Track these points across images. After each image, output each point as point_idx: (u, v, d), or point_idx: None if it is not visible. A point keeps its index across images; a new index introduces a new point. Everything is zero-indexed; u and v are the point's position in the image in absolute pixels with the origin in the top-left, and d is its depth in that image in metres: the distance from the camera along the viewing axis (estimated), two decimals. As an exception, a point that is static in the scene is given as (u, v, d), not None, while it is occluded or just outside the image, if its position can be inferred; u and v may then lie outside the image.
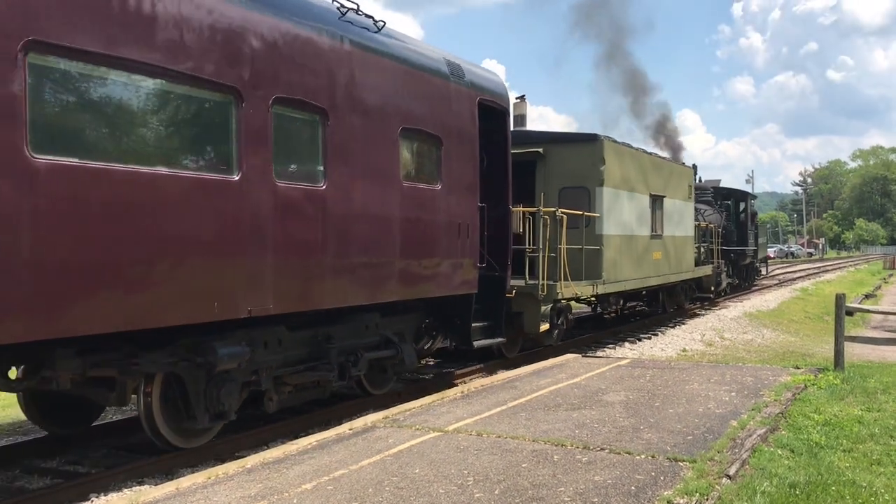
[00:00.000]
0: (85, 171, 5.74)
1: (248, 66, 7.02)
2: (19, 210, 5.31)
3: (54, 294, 5.57)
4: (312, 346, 8.54)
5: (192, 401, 7.27)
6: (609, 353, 14.81)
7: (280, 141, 7.43)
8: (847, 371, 10.99)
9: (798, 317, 24.97)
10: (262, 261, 7.20)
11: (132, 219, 6.07)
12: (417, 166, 9.73)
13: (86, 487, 6.61)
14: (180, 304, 6.50)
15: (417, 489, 5.67)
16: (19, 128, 5.29)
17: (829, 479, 5.93)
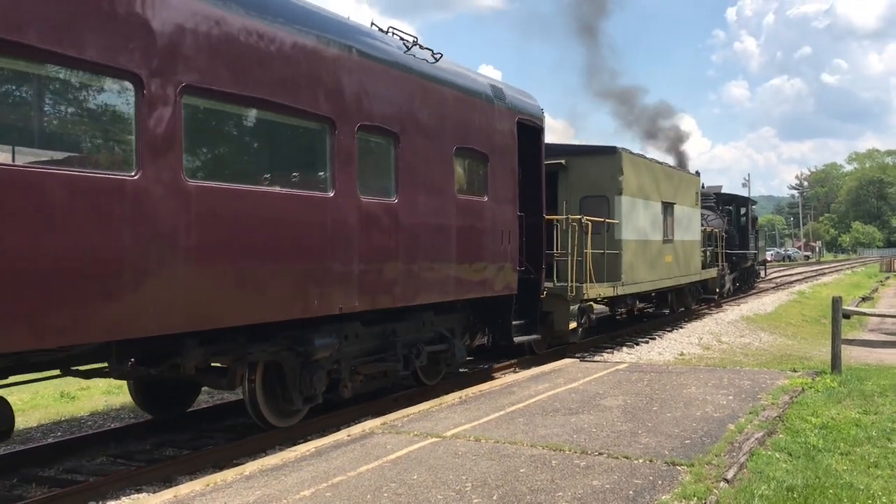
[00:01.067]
0: (224, 192, 6.89)
1: (341, 98, 8.17)
2: (178, 223, 6.42)
3: (204, 291, 6.70)
4: (381, 340, 9.67)
5: (290, 385, 8.34)
6: (607, 357, 14.81)
7: (363, 162, 8.57)
8: (844, 374, 11.02)
9: (795, 320, 24.99)
10: (350, 265, 8.33)
11: (259, 230, 7.20)
12: (469, 180, 10.83)
13: (84, 495, 6.61)
14: (293, 301, 7.66)
15: (416, 495, 5.67)
16: (178, 158, 6.38)
17: (826, 483, 5.95)
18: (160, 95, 6.23)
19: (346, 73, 8.27)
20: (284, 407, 8.47)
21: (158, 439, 8.75)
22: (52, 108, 6.14)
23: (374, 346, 9.54)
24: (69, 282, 5.65)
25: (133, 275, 6.10)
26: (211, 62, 6.69)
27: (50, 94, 6.04)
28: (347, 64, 8.31)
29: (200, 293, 6.65)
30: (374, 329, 9.49)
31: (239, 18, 6.99)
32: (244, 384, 8.12)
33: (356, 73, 8.43)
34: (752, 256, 32.28)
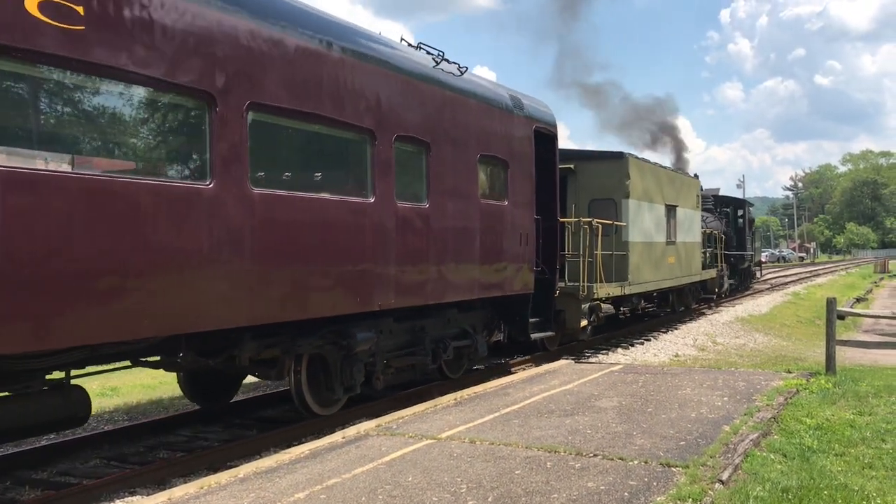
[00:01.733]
0: (281, 199, 7.54)
1: (380, 111, 8.82)
2: (244, 227, 7.06)
3: (265, 289, 7.34)
4: (411, 335, 10.34)
5: (333, 376, 9.03)
6: (602, 358, 14.82)
7: (399, 169, 9.21)
8: (839, 375, 11.03)
9: (790, 321, 25.06)
10: (388, 265, 9.00)
11: (311, 233, 7.89)
12: (491, 186, 11.45)
13: (77, 498, 6.58)
14: (340, 298, 8.36)
15: (410, 497, 5.66)
16: (244, 168, 7.02)
17: (821, 483, 5.95)
18: (230, 112, 6.88)
19: (384, 87, 8.94)
20: (326, 396, 9.14)
21: (152, 441, 8.73)
22: (145, 125, 6.73)
23: (404, 341, 10.25)
24: (160, 278, 6.30)
25: (209, 273, 6.75)
26: (271, 80, 7.35)
27: (143, 114, 6.66)
28: (385, 79, 9.00)
29: (262, 291, 7.31)
30: (404, 325, 10.15)
31: (294, 39, 7.66)
32: (291, 375, 8.71)
33: (393, 88, 9.12)
34: (748, 258, 33.06)
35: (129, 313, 6.08)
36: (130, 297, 6.08)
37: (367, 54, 8.77)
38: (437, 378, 11.47)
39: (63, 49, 5.57)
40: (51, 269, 5.54)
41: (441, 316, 10.81)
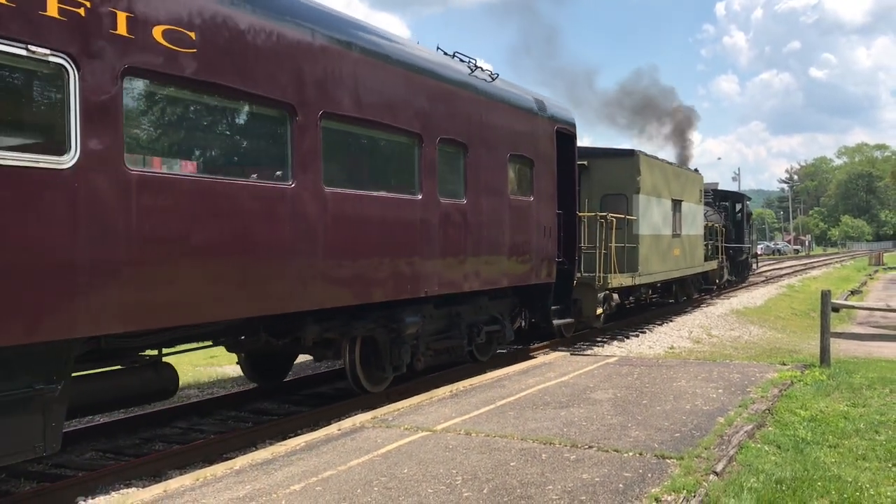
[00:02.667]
0: (348, 196, 8.44)
1: (426, 116, 9.74)
2: (318, 221, 7.93)
3: (334, 275, 8.22)
4: (448, 320, 11.22)
5: (383, 357, 9.94)
6: (597, 351, 14.84)
7: (442, 169, 10.10)
8: (833, 367, 11.07)
9: (785, 313, 25.11)
10: (433, 255, 9.90)
11: (372, 226, 8.79)
12: (519, 183, 12.27)
13: (72, 490, 6.58)
14: (395, 285, 9.22)
15: (406, 489, 5.67)
16: (318, 170, 7.91)
17: (814, 475, 5.97)
18: (307, 121, 7.77)
19: (430, 95, 9.85)
20: (377, 375, 10.05)
21: (148, 433, 8.72)
22: (241, 134, 7.78)
23: (443, 326, 11.12)
24: (256, 265, 7.21)
25: (292, 262, 7.61)
26: (340, 93, 8.25)
27: (239, 124, 7.70)
28: (431, 88, 9.91)
29: (332, 278, 8.19)
30: (442, 311, 11.03)
31: (358, 56, 8.59)
32: (346, 355, 9.64)
33: (437, 95, 10.01)
34: (746, 250, 34.15)
35: (234, 296, 7.03)
36: (237, 280, 7.03)
37: (417, 66, 9.72)
38: (468, 361, 12.30)
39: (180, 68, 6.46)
40: (176, 254, 6.46)
41: (474, 303, 11.70)
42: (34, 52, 5.39)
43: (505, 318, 12.61)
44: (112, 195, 5.91)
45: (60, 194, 5.58)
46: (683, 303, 23.69)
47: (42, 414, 5.77)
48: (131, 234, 6.05)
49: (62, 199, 5.59)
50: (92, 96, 5.77)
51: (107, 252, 5.88)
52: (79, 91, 5.68)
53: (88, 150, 5.72)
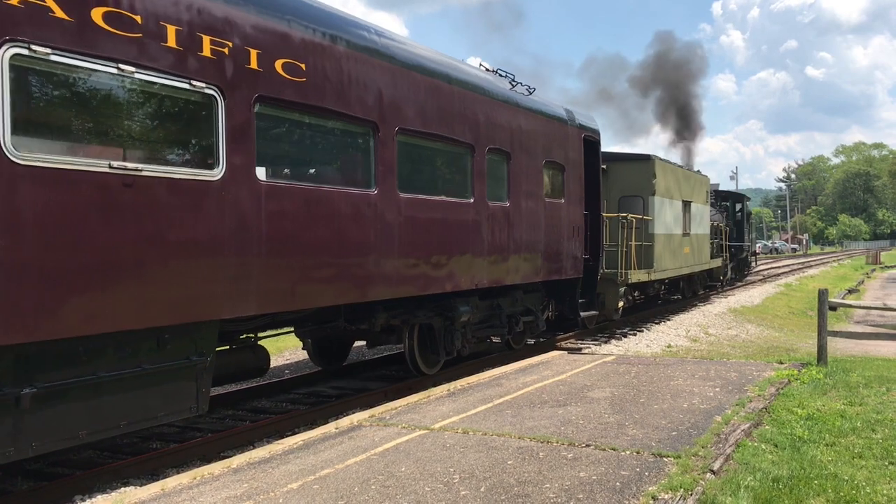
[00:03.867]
0: (417, 200, 9.60)
1: (477, 128, 10.87)
2: (395, 223, 9.10)
3: (406, 270, 9.37)
4: (490, 311, 12.32)
5: (438, 342, 11.13)
6: (594, 349, 14.85)
7: (490, 175, 11.22)
8: (830, 366, 11.09)
9: (782, 312, 25.14)
10: (482, 253, 11.03)
11: (436, 227, 9.97)
12: (552, 187, 13.39)
13: (70, 489, 6.58)
14: (453, 278, 10.38)
15: (403, 487, 5.67)
16: (394, 178, 9.04)
17: (811, 473, 5.99)
18: (387, 136, 8.90)
19: (480, 109, 10.99)
20: (431, 358, 11.18)
21: (145, 432, 8.71)
22: (337, 148, 8.99)
23: (485, 316, 12.20)
24: (348, 261, 8.36)
25: (375, 259, 8.76)
26: (410, 111, 9.39)
27: (336, 140, 8.85)
28: (481, 103, 11.02)
29: (403, 271, 9.29)
30: (486, 302, 12.13)
31: (425, 78, 9.72)
32: (406, 340, 10.76)
33: (485, 109, 11.14)
34: (746, 248, 35.57)
35: (332, 285, 8.20)
36: (335, 272, 8.23)
37: (469, 84, 10.86)
38: (504, 349, 13.61)
39: (291, 94, 7.56)
40: (293, 250, 7.59)
41: (512, 296, 12.77)
42: (195, 85, 6.53)
43: (537, 309, 13.66)
44: (248, 202, 7.03)
45: (213, 201, 6.70)
46: (684, 300, 24.24)
47: (195, 381, 6.89)
48: (262, 233, 7.19)
49: (214, 205, 6.70)
50: (233, 120, 6.88)
51: (245, 247, 7.01)
52: (224, 117, 6.79)
53: (232, 165, 6.85)
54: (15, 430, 5.52)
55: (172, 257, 6.32)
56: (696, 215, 23.06)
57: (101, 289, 5.79)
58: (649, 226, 18.50)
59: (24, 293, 5.31)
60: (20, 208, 5.29)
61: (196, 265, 6.54)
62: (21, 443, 5.57)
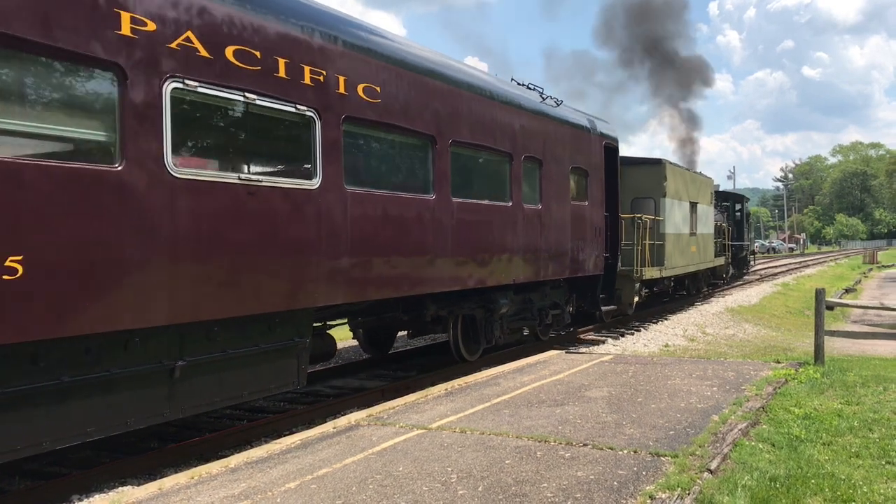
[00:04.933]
0: (466, 204, 10.74)
1: (515, 138, 12.04)
2: (448, 225, 10.30)
3: (458, 265, 10.54)
4: (522, 305, 13.47)
5: (479, 332, 12.38)
6: (592, 349, 14.85)
7: (525, 181, 12.41)
8: (827, 365, 11.10)
9: (779, 311, 25.17)
10: (518, 251, 12.19)
11: (481, 228, 11.16)
12: (577, 190, 14.55)
13: (67, 488, 6.58)
14: (494, 273, 11.55)
15: (401, 487, 5.67)
16: (448, 184, 10.26)
17: (808, 472, 6.00)
18: (442, 147, 10.11)
19: (517, 121, 12.13)
20: (472, 347, 12.36)
21: (143, 431, 8.70)
22: (404, 159, 10.02)
23: (519, 309, 13.32)
24: (411, 258, 9.54)
25: (432, 256, 9.95)
26: (461, 124, 10.60)
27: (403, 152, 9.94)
28: (517, 115, 12.17)
29: (456, 266, 10.49)
30: (519, 296, 13.18)
31: (472, 95, 10.93)
32: (451, 330, 11.88)
33: (521, 121, 12.28)
34: (745, 247, 36.99)
35: (400, 278, 9.37)
36: (400, 267, 9.37)
37: (509, 98, 12.03)
38: (533, 339, 14.59)
39: (371, 114, 8.79)
40: (371, 248, 8.77)
41: (541, 291, 13.99)
42: (299, 108, 7.73)
43: (563, 304, 14.95)
44: (338, 207, 8.23)
45: (312, 206, 7.88)
46: (682, 300, 24.75)
47: (297, 359, 8.13)
48: (347, 233, 8.35)
49: (313, 210, 7.89)
50: (327, 137, 8.07)
51: (335, 246, 8.18)
52: (321, 135, 7.99)
53: (326, 176, 8.04)
54: (170, 395, 6.72)
55: (282, 254, 7.49)
56: (701, 216, 24.23)
57: (231, 280, 6.93)
58: (660, 226, 19.61)
59: (182, 282, 6.45)
60: (178, 213, 6.42)
61: (299, 261, 7.73)
62: (174, 406, 6.76)
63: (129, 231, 6.04)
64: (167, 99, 6.30)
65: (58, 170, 5.60)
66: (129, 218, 6.04)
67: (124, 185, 6.00)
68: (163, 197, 6.27)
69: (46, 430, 5.81)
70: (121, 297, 5.97)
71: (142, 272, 6.13)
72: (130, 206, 6.05)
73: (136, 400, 6.45)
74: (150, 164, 6.19)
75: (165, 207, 6.29)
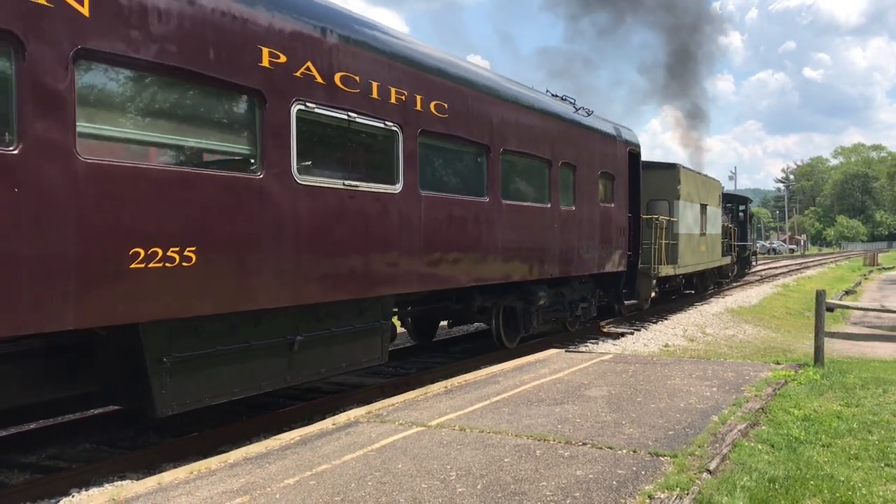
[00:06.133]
0: (513, 206, 12.04)
1: (553, 147, 13.32)
2: (499, 224, 11.58)
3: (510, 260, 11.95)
4: (556, 298, 14.70)
5: (519, 322, 13.61)
6: (592, 348, 14.86)
7: (562, 185, 13.71)
8: (827, 367, 11.10)
9: (779, 312, 25.16)
10: (555, 247, 13.49)
11: (528, 228, 12.55)
12: (605, 193, 15.82)
13: (66, 482, 6.58)
14: (534, 268, 12.79)
15: (400, 484, 5.67)
16: (499, 188, 11.58)
17: (807, 474, 6.00)
18: (495, 155, 11.43)
19: (556, 131, 13.47)
20: (511, 335, 13.53)
21: (143, 425, 8.72)
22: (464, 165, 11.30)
23: (552, 302, 14.48)
24: (468, 254, 10.83)
25: (485, 252, 11.25)
26: (510, 135, 11.89)
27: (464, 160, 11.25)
28: (556, 125, 13.49)
29: (503, 262, 11.71)
30: (553, 290, 14.43)
31: (520, 108, 12.22)
32: (493, 319, 13.07)
33: (559, 130, 13.60)
34: (748, 247, 38.41)
35: (461, 271, 10.72)
36: (463, 260, 10.69)
37: (548, 110, 13.34)
38: (560, 330, 15.89)
39: (440, 127, 10.15)
40: (437, 244, 10.07)
41: (571, 285, 15.30)
42: (387, 124, 9.08)
43: (590, 297, 16.27)
44: (414, 209, 9.56)
45: (395, 207, 9.21)
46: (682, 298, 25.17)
47: (381, 338, 9.54)
48: (421, 231, 9.68)
49: (395, 211, 9.21)
50: (406, 149, 9.38)
51: (412, 242, 9.52)
52: (401, 146, 9.29)
53: (406, 182, 9.39)
54: (290, 365, 8.11)
55: (373, 248, 8.81)
56: (710, 217, 25.50)
57: (335, 269, 8.25)
58: (674, 226, 20.85)
59: (301, 270, 7.76)
60: (300, 213, 7.72)
61: (385, 254, 9.04)
62: (293, 374, 8.18)
63: (267, 228, 7.31)
64: (293, 119, 7.60)
65: (219, 178, 6.87)
66: (267, 217, 7.32)
67: (264, 191, 7.28)
68: (290, 200, 7.58)
69: (206, 388, 7.11)
70: (259, 282, 7.25)
71: (274, 261, 7.42)
72: (268, 207, 7.32)
73: (267, 367, 7.81)
74: (282, 173, 7.48)
75: (292, 209, 7.59)
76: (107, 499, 5.58)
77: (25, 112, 5.33)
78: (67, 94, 5.59)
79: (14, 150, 5.28)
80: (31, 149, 5.36)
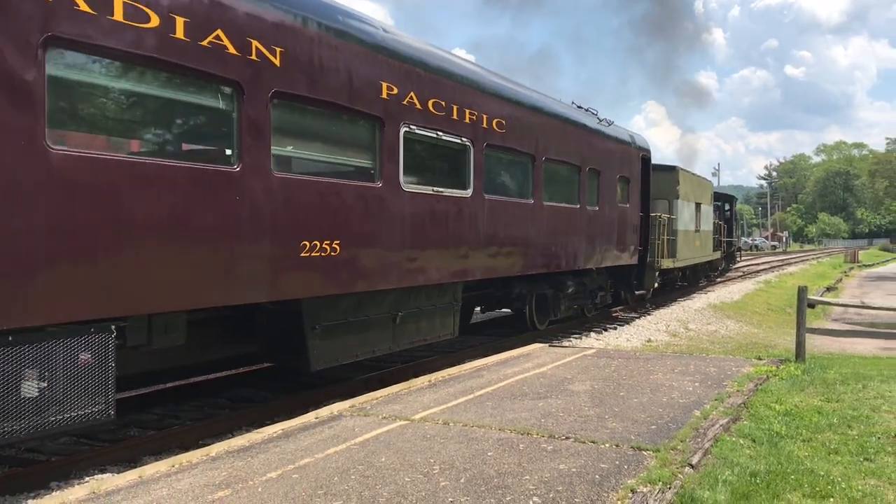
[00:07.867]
0: (550, 207, 13.87)
1: (581, 154, 15.21)
2: (540, 222, 13.41)
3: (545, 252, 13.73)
4: (579, 287, 16.45)
5: (549, 307, 15.38)
6: (575, 342, 14.91)
7: (589, 187, 15.61)
8: (808, 362, 11.19)
9: (761, 308, 25.35)
10: (582, 242, 15.33)
11: (561, 225, 14.31)
12: (622, 194, 17.74)
13: (46, 475, 6.52)
14: (566, 260, 14.64)
15: (383, 477, 5.66)
16: (542, 191, 13.57)
17: (788, 468, 6.04)
18: (538, 163, 13.23)
19: (584, 139, 15.40)
20: (541, 318, 15.29)
21: (124, 419, 8.65)
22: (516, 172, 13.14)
23: (575, 290, 16.30)
24: (517, 248, 12.69)
25: (530, 247, 13.08)
26: (550, 145, 13.69)
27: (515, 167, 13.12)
28: (584, 134, 15.47)
29: (542, 255, 13.58)
30: (576, 280, 16.23)
31: (557, 121, 14.13)
32: (527, 305, 14.74)
33: (587, 139, 15.60)
34: (734, 243, 40.79)
35: (512, 263, 12.62)
36: (514, 254, 12.61)
37: (579, 122, 15.29)
38: (578, 316, 17.55)
39: (500, 141, 12.00)
40: (498, 238, 11.98)
41: (591, 276, 17.02)
42: (463, 140, 10.98)
43: (606, 287, 18.07)
44: (480, 210, 11.42)
45: (467, 209, 11.11)
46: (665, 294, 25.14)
47: (453, 316, 11.63)
48: (485, 228, 11.56)
49: (468, 212, 11.12)
50: (475, 160, 11.26)
51: (478, 237, 11.37)
52: (473, 158, 11.20)
53: (474, 188, 11.25)
54: (393, 336, 10.11)
55: (452, 243, 10.73)
56: (703, 215, 27.53)
57: (427, 259, 10.19)
58: (673, 223, 22.66)
59: (404, 259, 9.67)
60: (405, 214, 9.65)
61: (459, 248, 10.94)
62: (395, 342, 10.14)
63: (384, 225, 9.23)
64: (402, 138, 9.49)
65: (353, 186, 8.83)
66: (385, 217, 9.26)
67: (383, 197, 9.22)
68: (399, 204, 9.49)
69: (340, 350, 9.10)
70: (377, 268, 9.15)
71: (386, 252, 9.30)
72: (385, 209, 9.25)
73: (378, 336, 9.78)
74: (393, 181, 9.38)
75: (399, 210, 9.50)
76: (87, 492, 5.53)
77: (244, 141, 7.19)
78: (266, 126, 7.42)
79: (237, 169, 7.13)
80: (245, 167, 7.19)
